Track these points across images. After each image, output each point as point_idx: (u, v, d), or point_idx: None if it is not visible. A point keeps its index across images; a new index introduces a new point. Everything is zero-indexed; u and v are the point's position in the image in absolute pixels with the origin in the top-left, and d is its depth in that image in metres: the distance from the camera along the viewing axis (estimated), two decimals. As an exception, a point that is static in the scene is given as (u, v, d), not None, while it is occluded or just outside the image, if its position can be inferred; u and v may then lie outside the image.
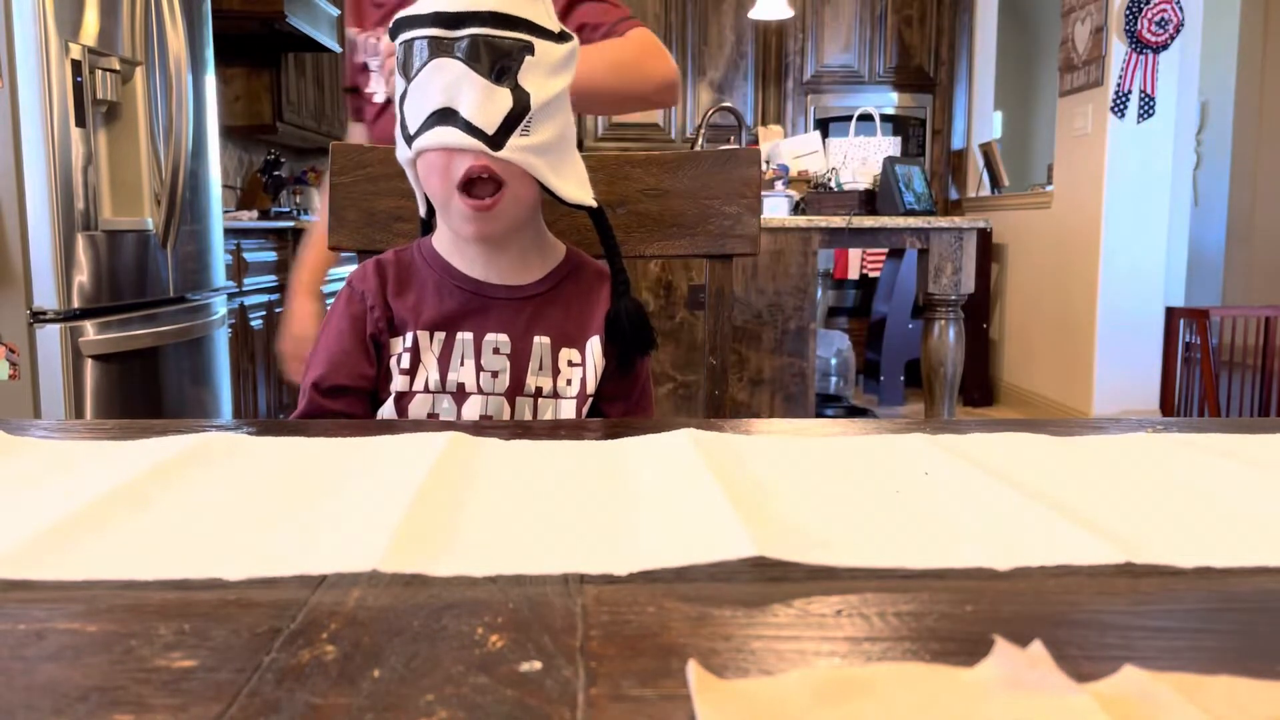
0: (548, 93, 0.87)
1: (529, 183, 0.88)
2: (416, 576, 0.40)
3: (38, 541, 0.43)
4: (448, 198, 0.88)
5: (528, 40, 0.85)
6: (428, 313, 0.92)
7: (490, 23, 0.84)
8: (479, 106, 0.84)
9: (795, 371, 2.70)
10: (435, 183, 0.88)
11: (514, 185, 0.87)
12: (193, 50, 2.50)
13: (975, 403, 4.74)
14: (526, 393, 0.93)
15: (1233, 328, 3.53)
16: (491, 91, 0.84)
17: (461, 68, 0.83)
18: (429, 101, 0.85)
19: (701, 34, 5.64)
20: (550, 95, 0.87)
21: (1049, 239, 4.30)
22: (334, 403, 0.92)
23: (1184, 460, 0.61)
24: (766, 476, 0.56)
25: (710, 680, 0.30)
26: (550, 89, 0.87)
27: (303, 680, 0.31)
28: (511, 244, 0.95)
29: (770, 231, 2.64)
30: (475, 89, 0.83)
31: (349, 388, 0.92)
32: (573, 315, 0.96)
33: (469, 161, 0.85)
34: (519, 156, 0.85)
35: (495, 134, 0.84)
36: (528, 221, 0.94)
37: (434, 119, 0.85)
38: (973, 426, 0.71)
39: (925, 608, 0.38)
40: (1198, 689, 0.29)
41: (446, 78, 0.84)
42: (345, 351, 0.93)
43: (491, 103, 0.84)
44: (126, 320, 2.26)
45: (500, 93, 0.84)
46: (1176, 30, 3.71)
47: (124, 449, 0.61)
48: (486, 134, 0.84)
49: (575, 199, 0.91)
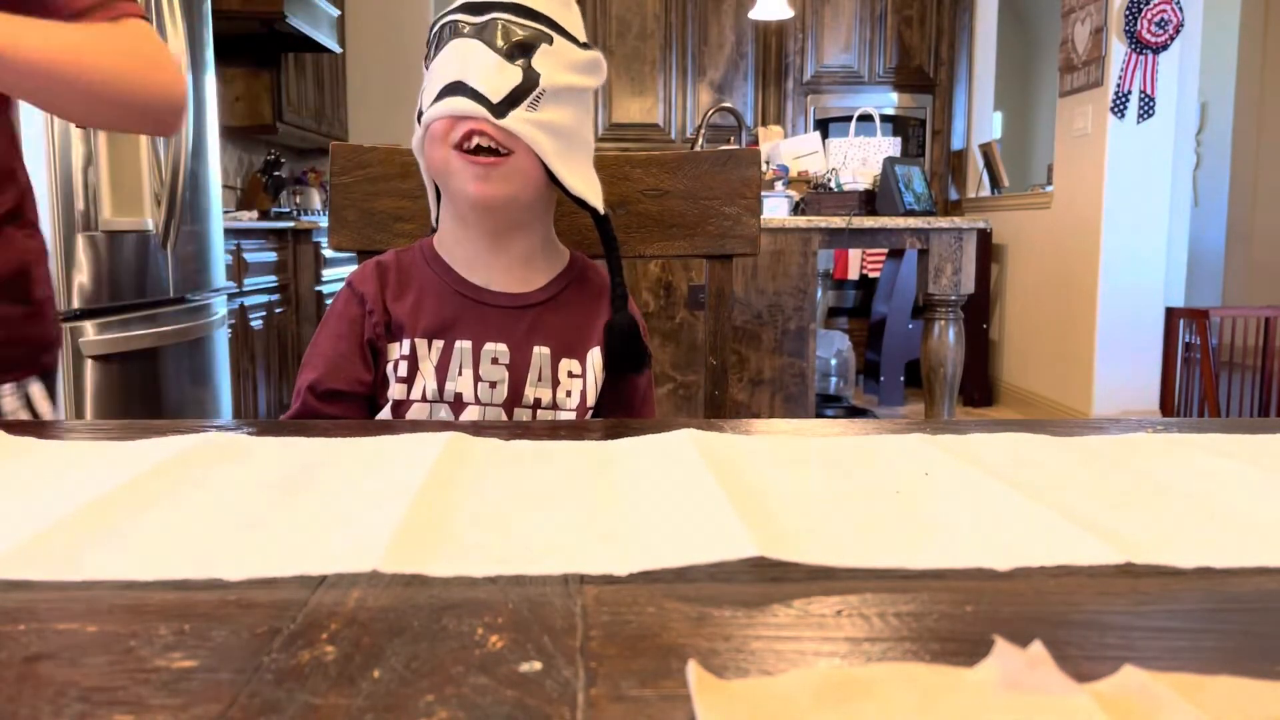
0: (561, 80, 0.86)
1: (533, 160, 0.86)
2: (416, 576, 0.40)
3: (38, 541, 0.43)
4: (447, 162, 0.86)
5: (547, 32, 0.86)
6: (426, 318, 0.91)
7: (513, 11, 0.85)
8: (487, 77, 0.83)
9: (795, 372, 2.70)
10: (436, 153, 0.87)
11: (517, 158, 0.85)
12: (193, 50, 2.50)
13: (975, 403, 4.74)
14: (525, 404, 0.91)
15: (1233, 328, 3.53)
16: (502, 65, 0.84)
17: (475, 44, 0.84)
18: (442, 77, 0.85)
19: (701, 34, 5.64)
20: (563, 84, 0.86)
21: (1049, 239, 4.30)
22: (329, 407, 0.90)
23: (1184, 460, 0.61)
24: (766, 476, 0.56)
25: (710, 680, 0.30)
26: (565, 79, 0.86)
27: (302, 680, 0.31)
28: (516, 243, 0.92)
29: (770, 232, 2.64)
30: (486, 62, 0.83)
31: (344, 393, 0.90)
32: (574, 325, 0.94)
33: (469, 125, 0.84)
34: (522, 128, 0.84)
35: (500, 102, 0.83)
36: (534, 214, 0.92)
37: (444, 92, 0.85)
38: (973, 426, 0.71)
39: (925, 608, 0.38)
40: (1198, 689, 0.29)
41: (461, 54, 0.84)
42: (342, 355, 0.91)
43: (500, 75, 0.84)
44: (126, 320, 2.26)
45: (511, 68, 0.84)
46: (1176, 31, 3.71)
47: (124, 449, 0.61)
48: (491, 101, 0.83)
49: (580, 193, 0.89)
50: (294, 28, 3.84)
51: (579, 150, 0.90)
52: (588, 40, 0.91)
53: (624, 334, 0.93)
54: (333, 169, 1.07)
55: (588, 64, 0.89)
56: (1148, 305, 3.91)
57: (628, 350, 0.93)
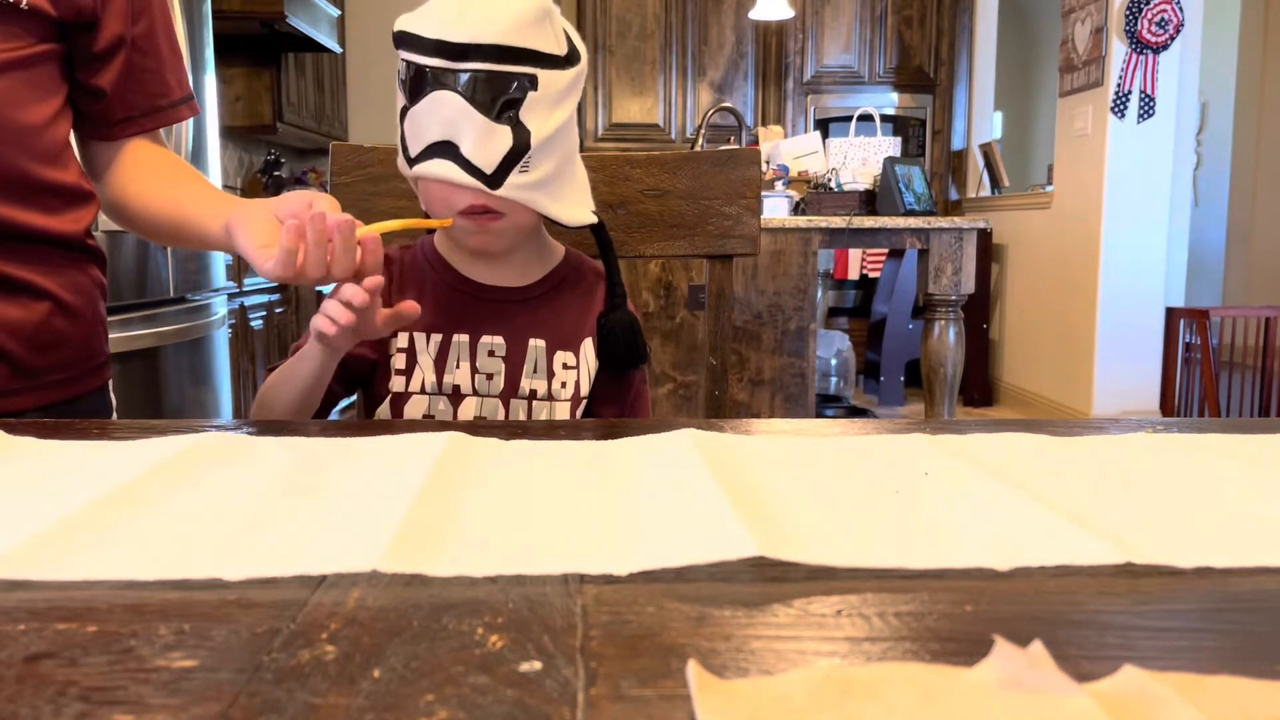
0: (550, 127, 0.86)
1: (529, 212, 0.89)
2: (416, 576, 0.40)
3: (38, 541, 0.43)
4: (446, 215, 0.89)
5: (531, 73, 0.84)
6: (426, 313, 0.92)
7: (493, 56, 0.82)
8: (478, 144, 0.83)
9: (795, 371, 2.70)
10: (436, 209, 0.90)
11: (513, 215, 0.88)
12: (193, 50, 2.50)
13: (975, 403, 4.74)
14: (521, 395, 0.94)
15: (1233, 328, 3.53)
16: (491, 129, 0.83)
17: (462, 103, 0.82)
18: (429, 132, 0.85)
19: (701, 34, 5.64)
20: (552, 129, 0.86)
21: (1049, 239, 4.30)
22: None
23: (1184, 460, 0.61)
24: (766, 476, 0.56)
25: (710, 680, 0.30)
26: (552, 123, 0.86)
27: (302, 680, 0.31)
28: (513, 254, 0.96)
29: (770, 232, 2.64)
30: (474, 126, 0.83)
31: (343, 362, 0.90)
32: (569, 318, 0.97)
33: (469, 199, 0.86)
34: (518, 194, 0.85)
35: (494, 173, 0.84)
36: (530, 235, 0.95)
37: (433, 150, 0.85)
38: (973, 426, 0.71)
39: (925, 608, 0.38)
40: (1198, 689, 0.29)
41: (446, 112, 0.83)
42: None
43: (491, 140, 0.83)
44: (126, 320, 2.25)
45: (500, 131, 0.83)
46: (1176, 30, 3.71)
47: (124, 449, 0.61)
48: (485, 173, 0.84)
49: (576, 221, 0.91)
50: (294, 28, 3.84)
51: (568, 179, 0.91)
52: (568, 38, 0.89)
53: (624, 330, 0.95)
54: (333, 169, 1.07)
55: (572, 83, 0.88)
56: (1148, 305, 3.91)
57: (626, 347, 0.96)
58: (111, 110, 0.94)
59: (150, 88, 0.96)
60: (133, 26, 0.92)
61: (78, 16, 0.87)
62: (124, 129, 0.96)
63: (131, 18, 0.92)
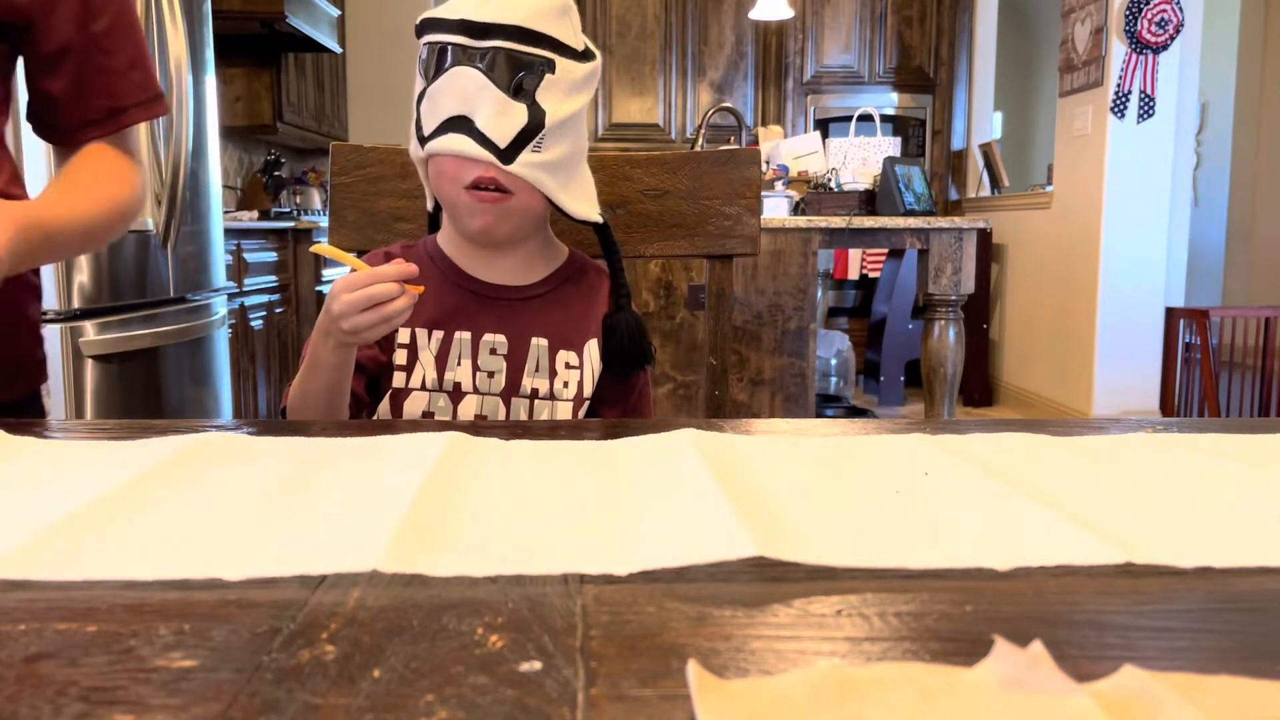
0: (564, 111, 0.87)
1: (537, 196, 0.89)
2: (416, 576, 0.40)
3: (38, 541, 0.43)
4: (455, 197, 0.89)
5: (550, 57, 0.86)
6: (427, 310, 0.92)
7: (515, 36, 0.85)
8: (493, 118, 0.85)
9: (795, 372, 2.70)
10: (445, 187, 0.90)
11: (521, 195, 0.89)
12: (193, 50, 2.50)
13: (975, 403, 4.74)
14: (522, 394, 0.94)
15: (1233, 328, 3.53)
16: (507, 105, 0.85)
17: (481, 78, 0.84)
18: (445, 107, 0.86)
19: (701, 34, 5.64)
20: (566, 114, 0.88)
21: (1049, 239, 4.30)
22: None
23: (1184, 460, 0.61)
24: (766, 476, 0.56)
25: (710, 680, 0.30)
26: (567, 107, 0.88)
27: (302, 680, 0.31)
28: (517, 249, 0.96)
29: (770, 232, 2.64)
30: (492, 101, 0.84)
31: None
32: (572, 317, 0.97)
33: (479, 171, 0.86)
34: (528, 172, 0.86)
35: (507, 148, 0.85)
36: (534, 228, 0.95)
37: (449, 125, 0.86)
38: (973, 426, 0.71)
39: (925, 608, 0.38)
40: (1198, 689, 0.29)
41: (465, 86, 0.85)
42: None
43: (506, 116, 0.85)
44: (127, 320, 2.25)
45: (516, 107, 0.85)
46: (1176, 30, 3.71)
47: (124, 449, 0.61)
48: (499, 147, 0.85)
49: (581, 215, 0.92)
50: (294, 28, 3.84)
51: (576, 170, 0.93)
52: (585, 40, 0.92)
53: (630, 331, 0.96)
54: (333, 169, 1.07)
55: (587, 77, 0.91)
56: (1148, 305, 3.91)
57: (631, 348, 0.96)
58: (66, 115, 0.92)
59: (109, 89, 0.93)
60: (91, 24, 0.90)
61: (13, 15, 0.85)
62: (82, 134, 0.94)
63: (87, 16, 0.90)
